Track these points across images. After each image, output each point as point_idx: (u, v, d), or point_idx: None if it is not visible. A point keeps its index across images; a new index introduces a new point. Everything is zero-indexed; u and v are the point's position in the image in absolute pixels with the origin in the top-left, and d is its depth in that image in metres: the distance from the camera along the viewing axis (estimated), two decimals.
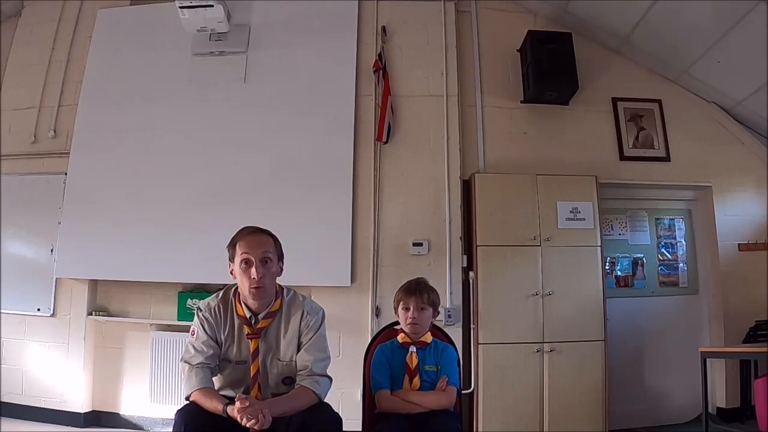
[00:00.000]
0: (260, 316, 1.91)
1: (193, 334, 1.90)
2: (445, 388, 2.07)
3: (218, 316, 1.92)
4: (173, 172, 3.81)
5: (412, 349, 2.13)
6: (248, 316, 1.90)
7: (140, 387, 3.65)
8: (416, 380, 2.09)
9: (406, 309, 2.15)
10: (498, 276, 3.50)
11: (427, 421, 1.97)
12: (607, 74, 4.13)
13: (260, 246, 1.88)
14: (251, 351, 1.88)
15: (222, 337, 1.91)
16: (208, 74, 3.97)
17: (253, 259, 1.85)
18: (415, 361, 2.11)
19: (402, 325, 2.19)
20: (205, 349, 1.86)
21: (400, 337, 2.17)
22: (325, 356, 1.94)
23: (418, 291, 2.16)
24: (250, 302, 1.89)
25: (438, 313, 2.24)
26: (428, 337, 2.17)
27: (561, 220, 3.58)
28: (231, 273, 1.92)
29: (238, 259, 1.87)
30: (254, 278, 1.83)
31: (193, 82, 3.97)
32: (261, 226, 1.96)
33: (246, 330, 1.90)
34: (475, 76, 4.05)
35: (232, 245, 1.91)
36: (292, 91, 3.89)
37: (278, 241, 1.97)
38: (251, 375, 1.88)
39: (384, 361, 2.14)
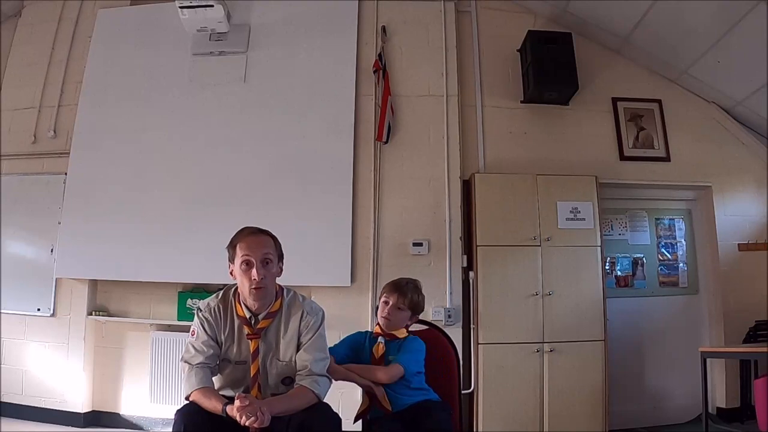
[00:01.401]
0: (260, 317, 1.90)
1: (193, 334, 1.90)
2: (389, 365, 2.06)
3: (218, 316, 1.91)
4: (173, 172, 3.81)
5: (381, 340, 2.14)
6: (248, 317, 1.90)
7: (140, 387, 3.65)
8: None
9: (386, 303, 2.16)
10: (498, 276, 3.50)
11: (421, 420, 1.96)
12: (607, 74, 4.13)
13: (261, 247, 1.87)
14: (251, 351, 1.88)
15: (222, 337, 1.91)
16: (208, 74, 3.97)
17: (253, 260, 1.84)
18: (381, 351, 2.12)
19: (378, 316, 2.20)
20: (205, 349, 1.86)
21: (376, 328, 2.19)
22: (324, 356, 1.93)
23: (402, 290, 2.15)
24: (251, 303, 1.89)
25: (416, 317, 2.20)
26: (401, 333, 2.16)
27: (561, 220, 3.58)
28: (231, 273, 1.92)
29: (238, 260, 1.86)
30: (255, 279, 1.83)
31: (193, 82, 3.97)
32: (261, 227, 1.96)
33: (246, 330, 1.89)
34: (475, 76, 4.05)
35: (232, 246, 1.90)
36: (292, 91, 3.89)
37: (278, 241, 1.97)
38: (251, 375, 1.88)
39: (351, 341, 2.19)
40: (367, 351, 2.15)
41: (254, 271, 1.82)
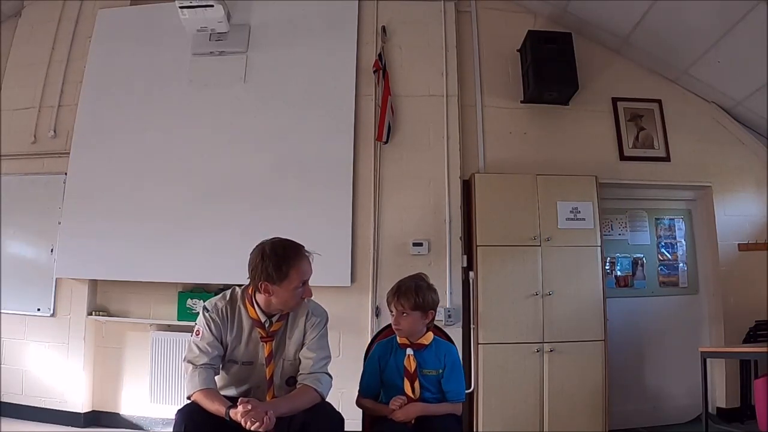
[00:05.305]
0: (273, 319, 1.91)
1: (197, 334, 1.89)
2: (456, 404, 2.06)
3: (225, 317, 1.91)
4: (173, 172, 3.81)
5: (409, 352, 2.04)
6: (263, 320, 1.90)
7: (140, 387, 3.65)
8: (416, 385, 2.02)
9: (392, 312, 2.07)
10: (498, 276, 3.50)
11: (429, 422, 1.96)
12: (607, 74, 4.13)
13: (311, 268, 1.94)
14: (266, 354, 1.89)
15: (228, 338, 1.90)
16: (208, 74, 3.97)
17: (308, 282, 1.92)
18: (413, 365, 2.03)
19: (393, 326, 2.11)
20: (209, 350, 1.85)
21: (400, 339, 2.10)
22: (326, 355, 1.95)
23: (401, 295, 2.03)
24: (286, 308, 1.90)
25: (433, 313, 2.08)
26: (428, 338, 2.08)
27: (561, 220, 3.58)
28: (260, 287, 1.84)
29: (292, 283, 1.84)
30: (308, 297, 1.93)
31: (193, 82, 3.96)
32: (295, 240, 1.96)
33: (260, 333, 1.90)
34: (475, 76, 4.05)
35: (281, 270, 1.82)
36: (292, 90, 3.89)
37: None
38: (267, 378, 1.89)
39: (375, 367, 2.10)
40: (393, 364, 2.06)
41: (309, 289, 1.92)
